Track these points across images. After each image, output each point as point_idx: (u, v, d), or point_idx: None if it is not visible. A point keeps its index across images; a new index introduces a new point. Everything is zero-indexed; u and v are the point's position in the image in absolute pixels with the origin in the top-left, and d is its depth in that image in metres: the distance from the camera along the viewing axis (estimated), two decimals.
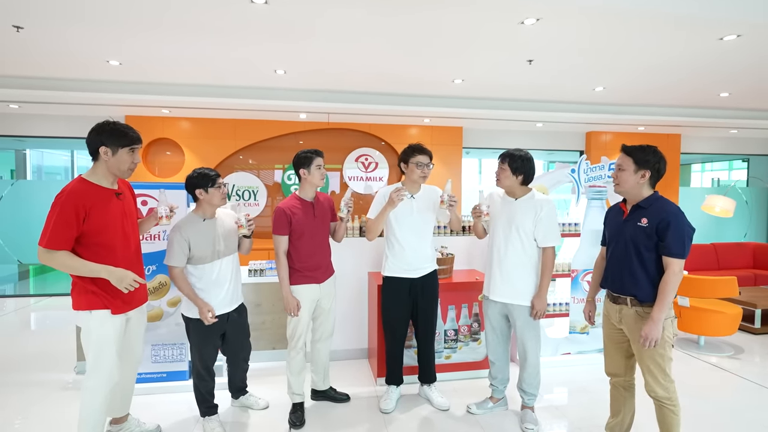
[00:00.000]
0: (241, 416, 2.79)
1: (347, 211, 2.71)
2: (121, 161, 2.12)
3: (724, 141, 7.95)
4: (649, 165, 2.09)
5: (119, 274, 2.05)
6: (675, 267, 2.00)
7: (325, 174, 2.70)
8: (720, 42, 3.57)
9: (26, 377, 3.33)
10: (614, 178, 2.19)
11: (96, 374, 2.12)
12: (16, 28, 3.37)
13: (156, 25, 3.36)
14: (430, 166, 2.74)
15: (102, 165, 2.11)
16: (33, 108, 5.57)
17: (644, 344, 2.01)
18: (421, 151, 2.72)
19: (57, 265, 1.99)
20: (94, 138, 2.09)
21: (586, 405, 3.00)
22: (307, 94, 5.28)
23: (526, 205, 2.60)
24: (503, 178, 2.59)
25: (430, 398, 2.95)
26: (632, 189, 2.13)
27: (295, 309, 2.60)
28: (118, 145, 2.09)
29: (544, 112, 5.88)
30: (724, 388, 3.30)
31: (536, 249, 2.62)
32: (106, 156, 2.09)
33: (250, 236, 2.62)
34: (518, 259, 2.59)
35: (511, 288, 2.62)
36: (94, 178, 2.11)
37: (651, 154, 2.09)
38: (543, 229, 2.57)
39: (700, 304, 3.97)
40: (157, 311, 3.07)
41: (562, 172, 3.82)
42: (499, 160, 2.62)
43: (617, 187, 2.19)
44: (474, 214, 2.65)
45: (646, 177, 2.10)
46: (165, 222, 2.36)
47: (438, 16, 3.15)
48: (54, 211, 1.97)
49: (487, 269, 2.76)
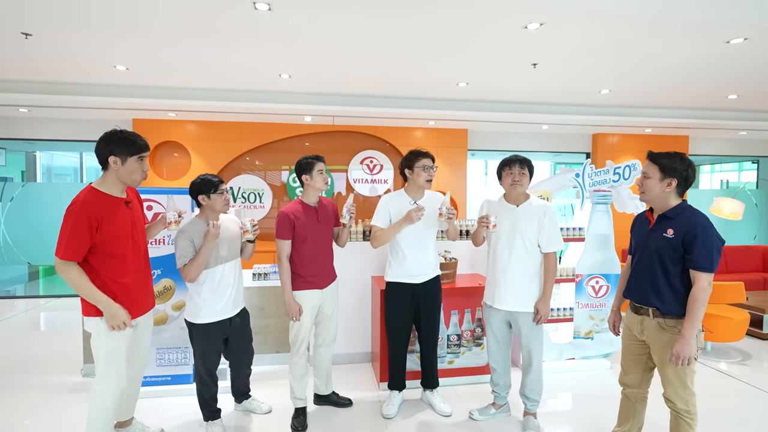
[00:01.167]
0: (244, 420, 2.81)
1: (349, 216, 2.72)
2: (132, 170, 2.14)
3: (734, 143, 7.85)
4: (677, 173, 2.00)
5: (114, 311, 2.07)
6: (703, 281, 1.92)
7: (328, 178, 2.71)
8: (727, 45, 3.53)
9: (32, 379, 3.37)
10: (639, 186, 2.12)
11: (105, 379, 2.15)
12: (25, 35, 3.42)
13: (161, 31, 3.39)
14: (434, 169, 2.74)
15: (112, 174, 2.13)
16: (42, 112, 5.65)
17: (676, 363, 1.95)
18: (425, 155, 2.73)
19: (69, 279, 2.03)
20: (102, 148, 2.11)
21: (590, 411, 2.98)
22: (312, 97, 5.30)
23: (529, 211, 2.59)
24: (524, 183, 2.59)
25: (433, 404, 2.94)
26: (658, 198, 2.06)
27: (296, 314, 2.61)
28: (127, 154, 2.12)
29: (550, 114, 5.85)
30: (731, 395, 3.26)
31: (540, 255, 2.61)
32: (115, 165, 2.11)
33: (253, 241, 2.65)
34: (523, 267, 2.58)
35: (516, 296, 2.60)
36: (104, 188, 2.13)
37: (678, 161, 2.01)
38: (547, 234, 2.56)
39: (707, 309, 3.89)
40: (162, 315, 3.10)
41: (566, 177, 3.80)
42: (517, 165, 2.57)
43: (642, 195, 2.11)
44: (480, 224, 2.62)
45: (672, 186, 2.02)
46: (174, 227, 2.39)
47: (438, 19, 3.13)
48: (68, 223, 2.00)
49: (489, 277, 2.74)
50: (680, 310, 2.01)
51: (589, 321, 3.63)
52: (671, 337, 2.03)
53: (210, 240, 2.36)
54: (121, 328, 2.11)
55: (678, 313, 2.01)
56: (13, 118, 5.98)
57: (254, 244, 2.70)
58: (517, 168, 2.58)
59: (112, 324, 2.08)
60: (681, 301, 2.01)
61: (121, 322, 2.09)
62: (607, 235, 3.63)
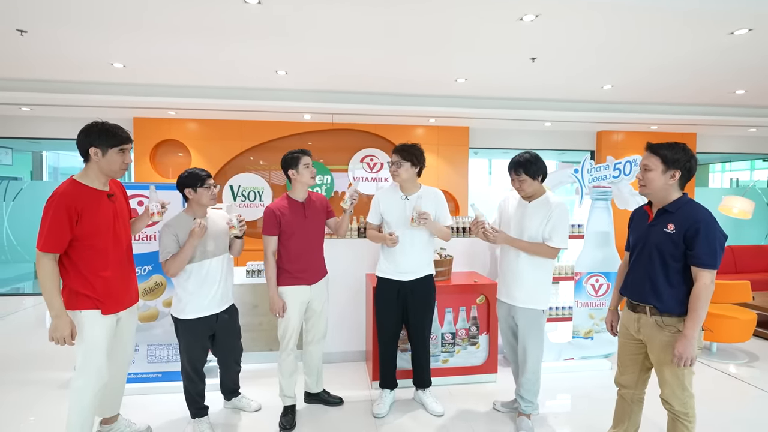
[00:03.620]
0: (233, 418, 2.78)
1: (351, 203, 2.70)
2: (112, 161, 2.12)
3: (743, 140, 7.66)
4: (680, 164, 1.91)
5: (59, 323, 1.99)
6: (706, 279, 1.84)
7: (315, 170, 2.66)
8: (731, 36, 3.42)
9: (26, 375, 3.37)
10: (639, 179, 2.03)
11: (85, 374, 2.12)
12: (20, 32, 3.43)
13: (150, 27, 3.36)
14: (401, 165, 2.67)
15: (93, 166, 2.11)
16: (45, 110, 5.68)
17: (679, 363, 1.88)
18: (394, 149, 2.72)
19: (40, 272, 1.97)
20: (83, 139, 2.09)
21: (588, 413, 2.90)
22: (310, 94, 5.27)
23: (538, 207, 2.54)
24: (526, 187, 2.53)
25: (425, 403, 2.88)
26: (659, 191, 1.97)
27: (280, 310, 2.58)
28: (107, 146, 2.09)
29: (552, 111, 5.75)
30: (737, 397, 3.15)
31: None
32: (96, 157, 2.09)
33: (241, 237, 2.61)
34: (527, 262, 2.55)
35: (517, 291, 2.58)
36: (85, 180, 2.11)
37: (681, 151, 1.92)
38: (550, 228, 2.49)
39: (713, 309, 3.81)
40: (152, 311, 3.08)
41: (564, 173, 3.72)
42: (513, 172, 2.53)
43: (643, 189, 2.02)
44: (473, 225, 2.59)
45: (675, 177, 1.93)
46: (157, 218, 2.36)
47: (428, 10, 3.06)
48: (47, 215, 1.97)
49: (499, 271, 2.76)
50: (678, 309, 1.93)
51: (588, 320, 3.54)
52: (669, 336, 1.95)
53: (194, 238, 2.33)
54: (60, 343, 2.02)
55: (676, 312, 1.93)
56: (16, 117, 6.03)
57: (242, 241, 2.66)
58: (513, 175, 2.55)
59: (54, 335, 1.99)
60: (679, 299, 1.93)
61: (62, 338, 2.00)
62: (608, 232, 3.54)
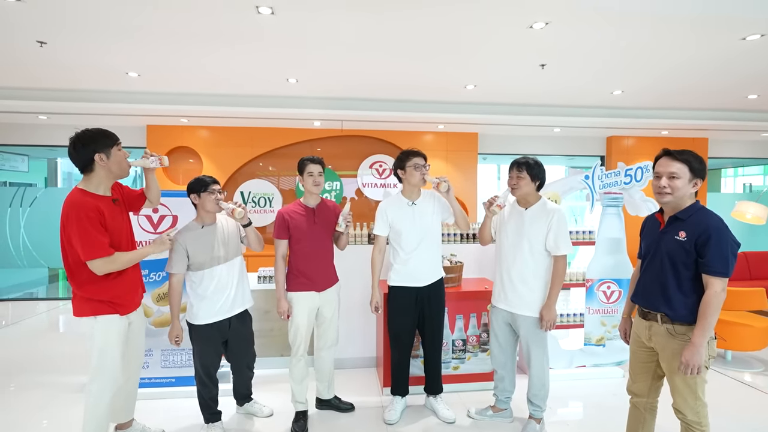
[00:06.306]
0: (245, 423, 2.80)
1: (345, 225, 2.69)
2: (119, 159, 2.17)
3: (756, 145, 7.57)
4: (702, 173, 1.93)
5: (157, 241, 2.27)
6: (717, 286, 1.82)
7: (320, 181, 2.66)
8: (743, 42, 3.40)
9: (40, 379, 3.43)
10: (664, 187, 1.95)
11: (100, 377, 2.15)
12: (40, 44, 3.53)
13: (164, 36, 3.42)
14: (427, 167, 2.70)
15: (98, 173, 2.13)
16: (60, 119, 5.80)
17: (685, 371, 1.86)
18: (415, 153, 2.70)
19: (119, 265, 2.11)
20: (82, 150, 2.10)
21: (600, 422, 2.87)
22: (320, 102, 5.33)
23: (537, 214, 2.53)
24: (522, 186, 2.53)
25: (436, 410, 2.88)
26: (681, 199, 1.96)
27: (284, 313, 2.61)
28: (109, 147, 2.13)
29: (561, 117, 5.74)
30: (752, 406, 3.10)
31: (545, 258, 2.54)
32: (102, 162, 2.11)
33: (249, 224, 2.52)
34: (526, 269, 2.54)
35: (516, 297, 2.57)
36: (91, 188, 2.13)
37: (700, 160, 1.94)
38: (554, 237, 2.49)
39: (727, 317, 3.76)
40: (166, 317, 3.12)
41: (575, 179, 3.71)
42: (515, 168, 2.55)
43: (668, 196, 1.96)
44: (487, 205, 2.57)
45: (697, 186, 1.95)
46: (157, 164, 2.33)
47: (438, 17, 3.09)
48: (79, 225, 1.99)
49: (495, 278, 2.73)
50: (690, 317, 1.91)
51: (600, 327, 3.51)
52: (681, 345, 1.93)
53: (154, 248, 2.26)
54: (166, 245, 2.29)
55: (688, 320, 1.92)
56: (34, 125, 6.17)
57: (253, 227, 2.57)
58: (514, 171, 2.55)
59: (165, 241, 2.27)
60: (691, 308, 1.91)
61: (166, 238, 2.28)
62: (619, 238, 3.52)
